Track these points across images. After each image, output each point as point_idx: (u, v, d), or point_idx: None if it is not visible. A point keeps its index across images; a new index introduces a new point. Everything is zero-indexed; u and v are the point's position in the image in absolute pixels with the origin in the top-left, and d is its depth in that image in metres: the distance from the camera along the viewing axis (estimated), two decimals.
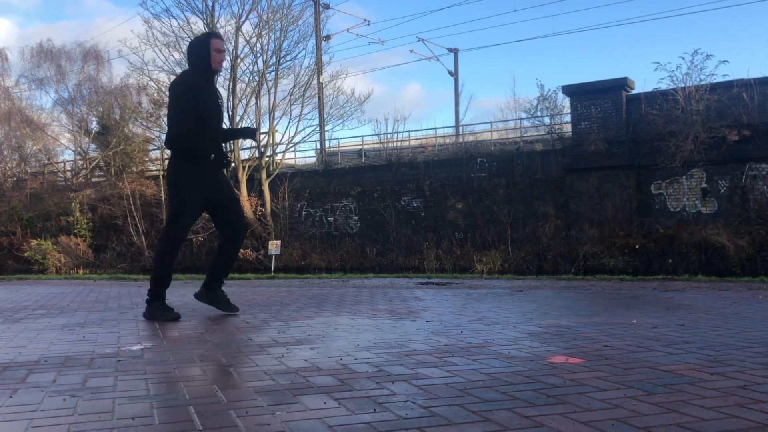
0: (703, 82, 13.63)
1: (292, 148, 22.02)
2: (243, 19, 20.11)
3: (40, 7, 75.66)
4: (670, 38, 55.80)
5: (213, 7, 20.04)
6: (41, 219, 22.45)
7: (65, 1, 72.37)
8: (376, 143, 22.70)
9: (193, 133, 3.89)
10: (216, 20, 20.10)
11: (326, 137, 22.99)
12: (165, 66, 20.54)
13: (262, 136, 20.48)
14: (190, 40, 4.32)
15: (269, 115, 20.38)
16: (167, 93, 21.43)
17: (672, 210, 13.77)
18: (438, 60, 29.51)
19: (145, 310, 4.09)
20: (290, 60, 20.43)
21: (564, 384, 2.06)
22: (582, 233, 13.96)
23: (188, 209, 4.03)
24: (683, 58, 23.88)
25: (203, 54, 3.98)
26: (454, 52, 30.25)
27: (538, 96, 16.78)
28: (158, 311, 4.01)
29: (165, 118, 23.91)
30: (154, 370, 2.40)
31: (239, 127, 4.43)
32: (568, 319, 3.75)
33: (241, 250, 18.28)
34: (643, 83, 38.93)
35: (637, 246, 13.15)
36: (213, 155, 4.05)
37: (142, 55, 37.31)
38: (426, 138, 24.20)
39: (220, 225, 4.25)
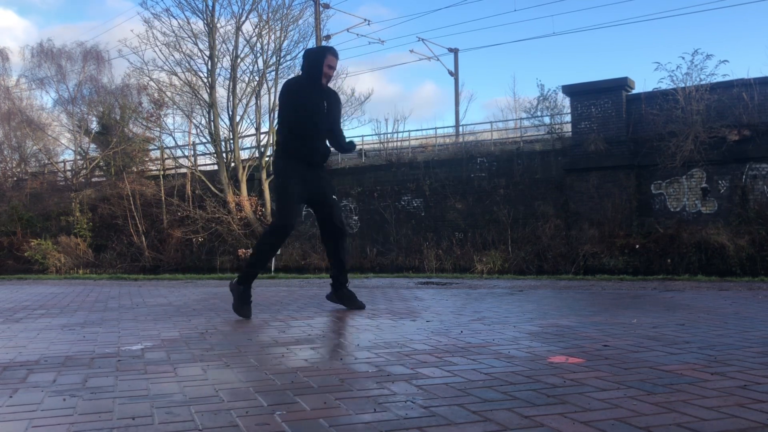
0: (703, 82, 13.63)
1: None
2: (243, 18, 20.13)
3: (62, 7, 75.47)
4: (670, 38, 55.81)
5: (213, 6, 20.07)
6: (41, 219, 22.46)
7: (87, 2, 72.09)
8: (376, 143, 22.71)
9: (292, 136, 4.20)
10: (216, 20, 20.11)
11: None
12: (165, 66, 20.56)
13: (262, 136, 20.50)
14: (306, 49, 4.61)
15: (269, 115, 20.38)
16: (163, 95, 21.01)
17: (672, 210, 13.77)
18: (438, 60, 29.53)
19: (232, 283, 4.27)
20: (290, 60, 20.44)
21: (564, 384, 2.06)
22: (582, 233, 13.96)
23: (290, 201, 4.25)
24: (683, 58, 23.89)
25: (316, 65, 4.20)
26: (454, 52, 30.24)
27: (538, 96, 16.80)
28: (239, 298, 4.14)
29: (165, 119, 23.97)
30: (154, 370, 2.40)
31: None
32: (568, 319, 3.75)
33: (242, 250, 18.30)
34: (643, 83, 38.92)
35: (637, 246, 13.15)
36: (312, 156, 4.30)
37: (142, 54, 37.40)
38: (426, 138, 24.21)
39: (320, 226, 4.50)
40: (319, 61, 4.20)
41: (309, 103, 4.16)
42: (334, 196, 4.48)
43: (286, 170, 4.22)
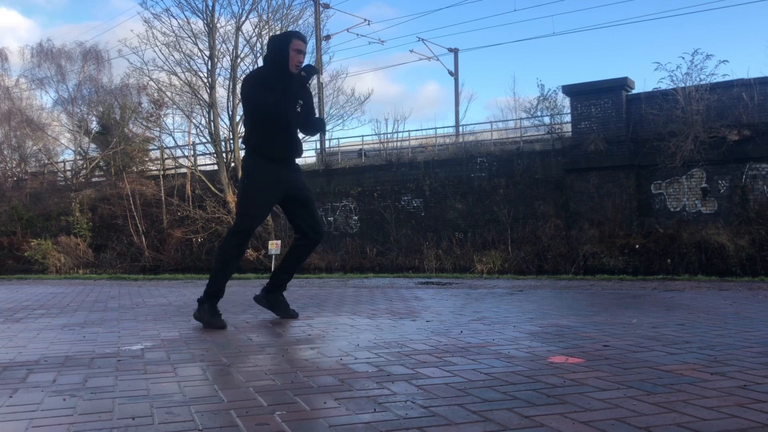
0: (703, 82, 13.62)
1: None
2: (243, 19, 20.13)
3: (66, 7, 75.35)
4: (670, 38, 55.81)
5: (213, 6, 20.07)
6: (41, 219, 22.45)
7: (91, 1, 71.94)
8: (376, 143, 22.70)
9: (261, 132, 3.77)
10: (216, 20, 20.12)
11: (326, 137, 23.00)
12: (165, 66, 20.57)
13: None
14: (270, 36, 4.24)
15: None
16: (163, 95, 20.99)
17: (672, 210, 13.77)
18: (438, 60, 29.50)
19: (196, 310, 3.82)
20: None
21: (564, 384, 2.06)
22: (582, 233, 13.96)
23: (257, 203, 3.86)
24: (683, 58, 23.92)
25: (282, 52, 3.76)
26: (454, 52, 30.23)
27: (539, 96, 16.78)
28: (207, 314, 3.71)
29: (165, 119, 23.99)
30: (154, 370, 2.40)
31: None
32: (568, 319, 3.75)
33: None
34: (643, 83, 38.93)
35: (637, 246, 13.14)
36: (284, 152, 3.86)
37: (142, 54, 37.40)
38: (426, 138, 24.21)
39: (296, 225, 4.02)
40: (285, 47, 3.76)
41: (277, 95, 3.70)
42: (310, 193, 4.05)
43: (256, 170, 3.80)
